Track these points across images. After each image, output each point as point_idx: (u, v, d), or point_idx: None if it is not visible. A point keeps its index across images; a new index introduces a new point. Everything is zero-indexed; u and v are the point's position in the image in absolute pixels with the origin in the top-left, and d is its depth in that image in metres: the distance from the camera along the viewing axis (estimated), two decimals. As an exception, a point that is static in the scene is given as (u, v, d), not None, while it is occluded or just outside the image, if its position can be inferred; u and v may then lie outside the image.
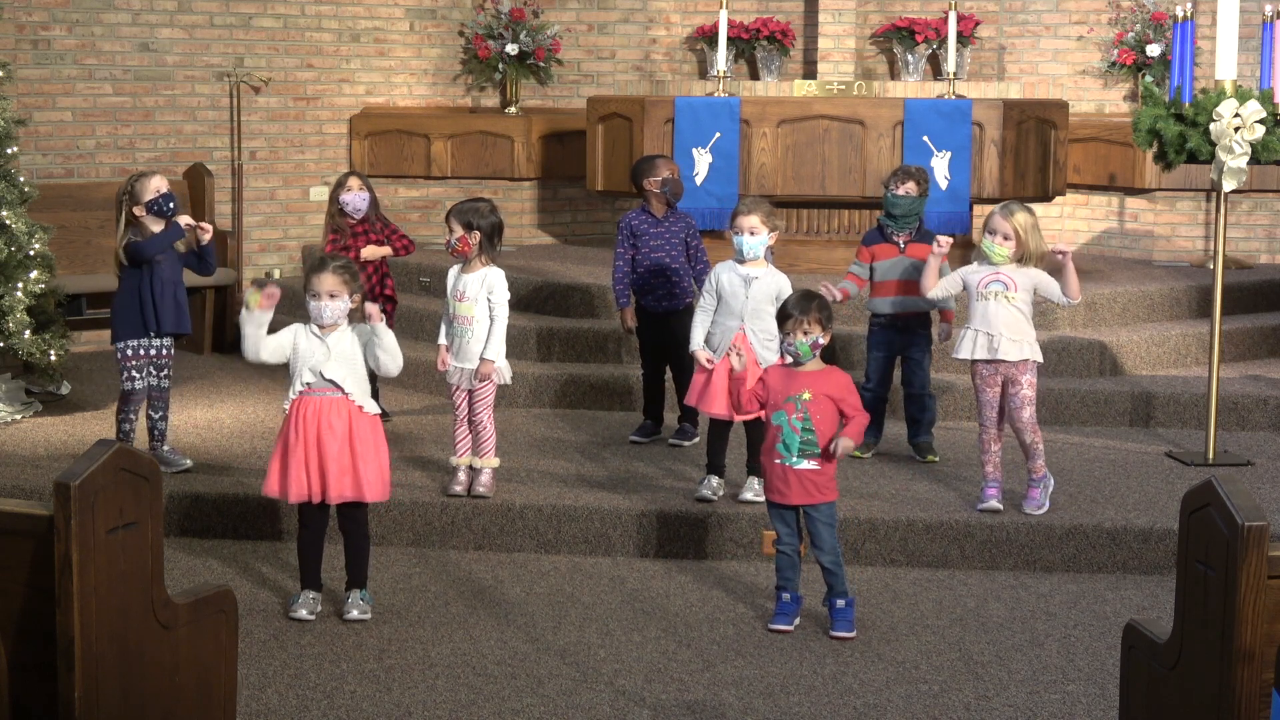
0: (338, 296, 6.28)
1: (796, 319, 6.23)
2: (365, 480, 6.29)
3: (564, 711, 5.55)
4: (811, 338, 6.23)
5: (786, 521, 6.34)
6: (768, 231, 7.26)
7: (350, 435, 6.28)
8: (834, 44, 11.99)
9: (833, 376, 6.29)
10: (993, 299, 7.18)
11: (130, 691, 4.37)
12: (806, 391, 6.22)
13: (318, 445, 6.25)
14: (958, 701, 5.69)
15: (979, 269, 7.28)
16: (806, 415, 6.21)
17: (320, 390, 6.28)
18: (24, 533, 4.27)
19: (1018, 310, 7.19)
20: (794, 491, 6.25)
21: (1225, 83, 7.78)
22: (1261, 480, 7.84)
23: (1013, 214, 7.18)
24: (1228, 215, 8.65)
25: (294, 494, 6.30)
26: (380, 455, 6.37)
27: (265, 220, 11.51)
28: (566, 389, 9.23)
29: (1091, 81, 12.03)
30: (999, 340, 7.18)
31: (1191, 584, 4.32)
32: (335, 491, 6.27)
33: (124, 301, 7.74)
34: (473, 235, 7.33)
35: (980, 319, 7.22)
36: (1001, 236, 7.17)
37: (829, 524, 6.29)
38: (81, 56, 10.76)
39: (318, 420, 6.26)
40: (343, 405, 6.29)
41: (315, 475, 6.26)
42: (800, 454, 6.22)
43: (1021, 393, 7.23)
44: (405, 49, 12.00)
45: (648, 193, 8.43)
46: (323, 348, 6.30)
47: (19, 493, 7.37)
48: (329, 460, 6.24)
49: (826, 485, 6.28)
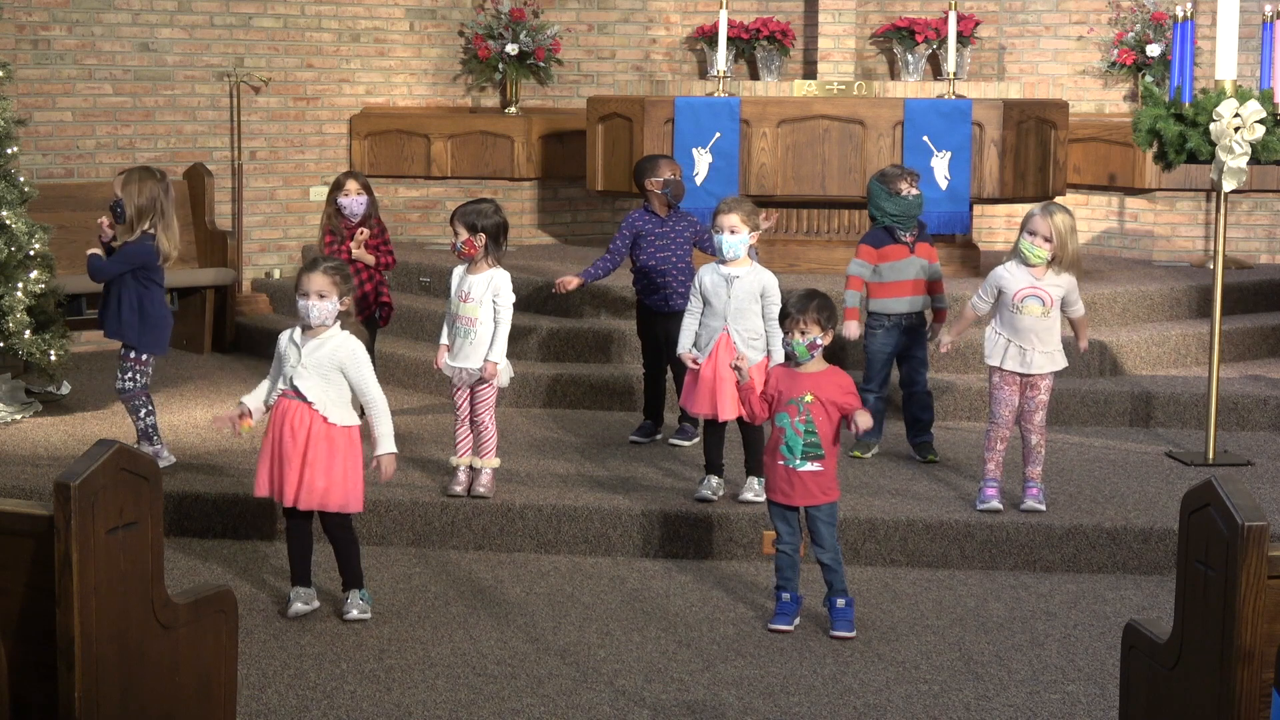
0: (326, 297, 6.23)
1: (794, 318, 6.21)
2: (314, 488, 6.22)
3: (564, 711, 5.55)
4: (809, 338, 6.21)
5: (788, 521, 6.33)
6: (748, 230, 7.26)
7: (307, 445, 6.21)
8: (834, 44, 11.99)
9: (835, 378, 6.28)
10: (1027, 314, 7.17)
11: (130, 691, 4.37)
12: (809, 394, 6.21)
13: (280, 448, 6.26)
14: (958, 701, 5.69)
15: (1015, 273, 7.23)
16: (809, 418, 6.20)
17: (291, 395, 6.27)
18: (24, 533, 4.27)
19: (1052, 323, 7.20)
20: (797, 493, 6.25)
21: (1225, 83, 7.78)
22: (1261, 480, 7.84)
23: (1053, 215, 7.15)
24: (1228, 215, 8.65)
25: (258, 488, 6.33)
26: (342, 466, 6.25)
27: (265, 220, 11.51)
28: (567, 389, 9.23)
29: (1091, 81, 12.03)
30: (1032, 354, 7.20)
31: (1191, 584, 4.32)
32: (290, 495, 6.25)
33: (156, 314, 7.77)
34: (478, 237, 7.32)
35: (1013, 329, 7.21)
36: (1041, 238, 7.14)
37: (830, 523, 6.29)
38: (81, 56, 10.76)
39: (282, 423, 6.26)
40: (306, 413, 6.23)
41: (277, 476, 6.27)
42: (803, 456, 6.21)
43: (1039, 397, 7.25)
44: (405, 49, 12.00)
45: (649, 193, 8.44)
46: (296, 355, 6.26)
47: (19, 493, 7.37)
48: (286, 465, 6.22)
49: (829, 485, 6.28)
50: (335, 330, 6.29)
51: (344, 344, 6.27)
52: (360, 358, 6.28)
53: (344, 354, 6.25)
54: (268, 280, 11.32)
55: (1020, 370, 7.23)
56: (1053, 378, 7.29)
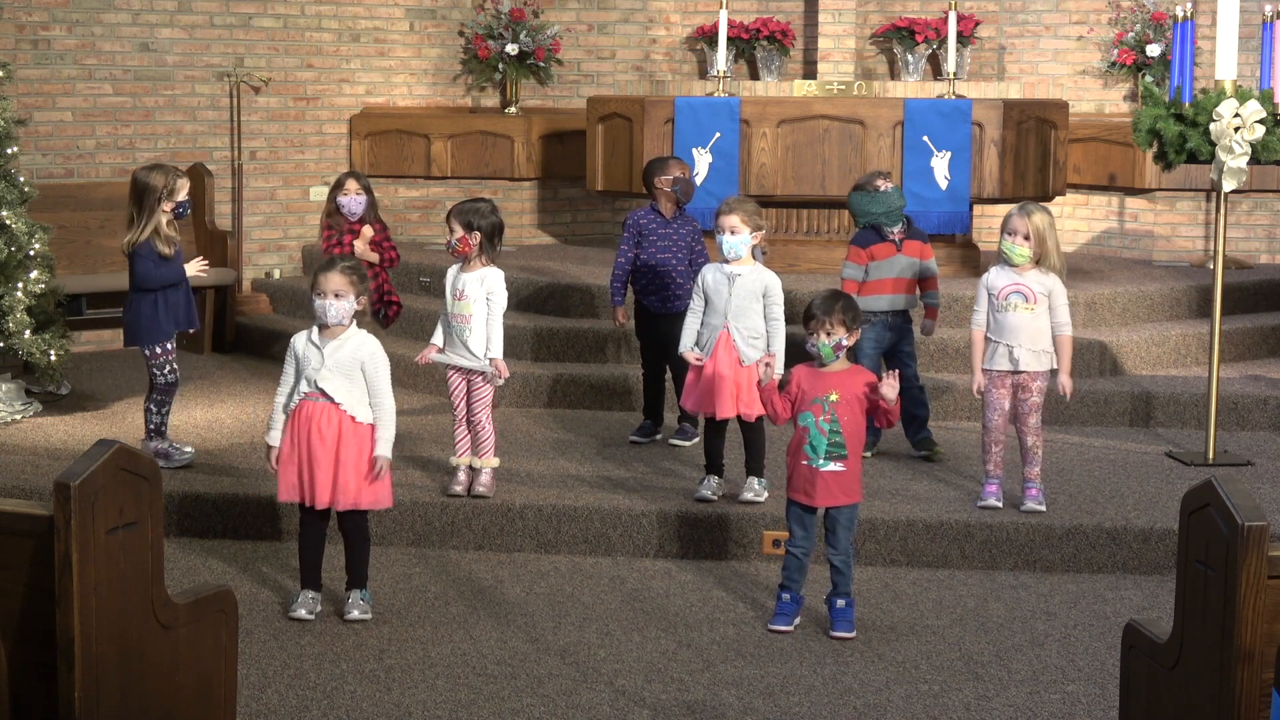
0: (343, 296, 6.27)
1: (819, 319, 6.20)
2: (347, 488, 6.27)
3: (564, 711, 5.55)
4: (835, 339, 6.20)
5: (805, 525, 6.30)
6: (749, 231, 7.26)
7: (338, 444, 6.26)
8: (834, 44, 11.99)
9: (860, 376, 6.28)
10: (1011, 310, 7.19)
11: (130, 691, 4.37)
12: (834, 393, 6.20)
13: (308, 450, 6.26)
14: (958, 701, 5.69)
15: (1000, 274, 7.28)
16: (834, 417, 6.19)
17: (315, 397, 6.28)
18: (24, 533, 4.27)
19: (1036, 319, 7.20)
20: (819, 494, 6.23)
21: (1225, 83, 7.78)
22: (1261, 480, 7.84)
23: (1030, 214, 7.20)
24: (1228, 215, 8.65)
25: (282, 493, 6.33)
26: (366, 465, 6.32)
27: (265, 220, 11.51)
28: (566, 389, 9.23)
29: (1091, 81, 12.03)
30: (1019, 352, 7.22)
31: (1191, 584, 4.32)
32: (321, 497, 6.27)
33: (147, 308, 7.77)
34: (473, 235, 7.35)
35: (1001, 329, 7.24)
36: (1021, 237, 7.18)
37: (849, 527, 6.28)
38: (81, 56, 10.76)
39: (308, 426, 6.27)
40: (334, 414, 6.27)
41: (307, 479, 6.28)
42: (827, 456, 6.20)
43: (1032, 399, 7.26)
44: (405, 49, 12.00)
45: (658, 191, 8.44)
46: (319, 357, 6.28)
47: (19, 493, 7.37)
48: (316, 467, 6.24)
49: (852, 486, 6.26)
50: (353, 329, 6.34)
51: (365, 343, 6.33)
52: (380, 358, 6.35)
53: (365, 353, 6.32)
54: (268, 280, 11.32)
55: (1009, 369, 7.24)
56: (1045, 378, 7.29)
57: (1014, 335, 7.22)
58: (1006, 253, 7.23)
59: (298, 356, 6.34)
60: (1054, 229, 7.26)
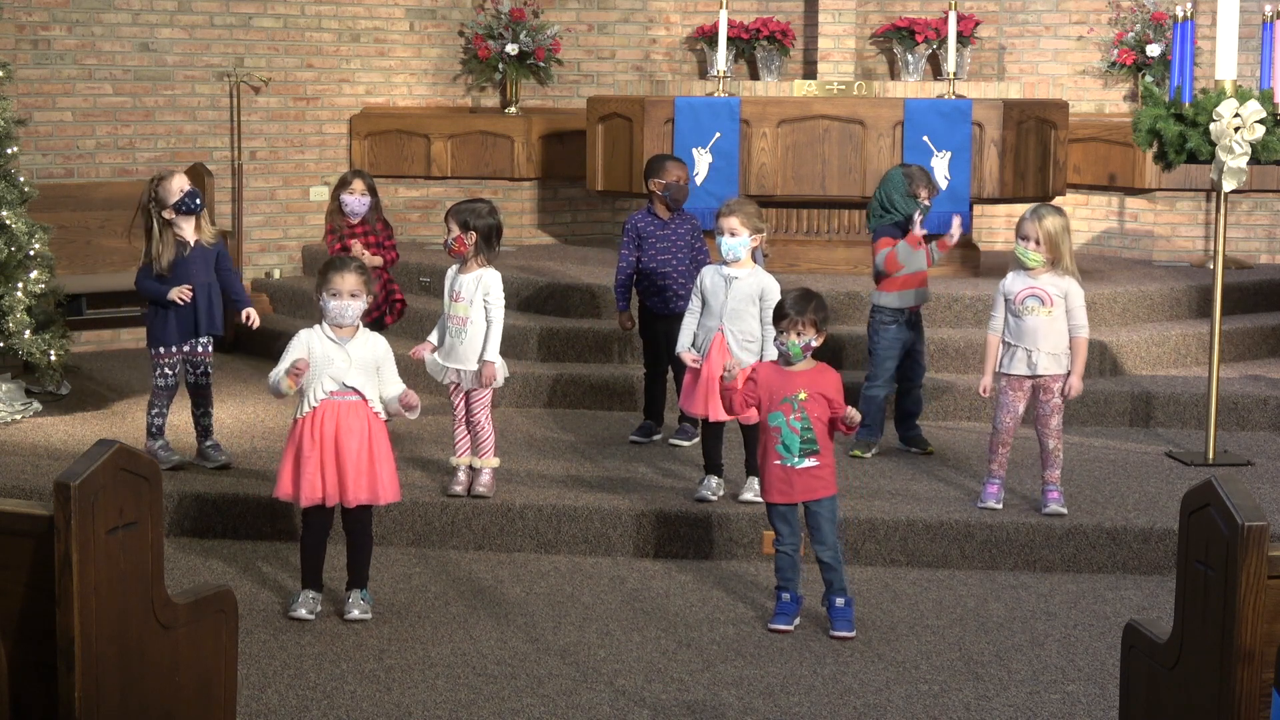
0: (358, 296, 6.33)
1: (791, 319, 6.22)
2: (381, 482, 6.35)
3: (564, 711, 5.56)
4: (805, 339, 6.22)
5: (788, 521, 6.33)
6: (749, 233, 7.26)
7: (369, 438, 6.31)
8: (834, 44, 11.99)
9: (826, 375, 6.30)
10: (1029, 314, 7.18)
11: (130, 691, 4.37)
12: (802, 391, 6.22)
13: (335, 448, 6.26)
14: (958, 701, 5.69)
15: (1015, 278, 7.27)
16: (805, 415, 6.21)
17: (341, 395, 6.31)
18: (24, 533, 4.27)
19: (1054, 322, 7.19)
20: (797, 490, 6.25)
21: (1225, 83, 7.78)
22: (1261, 480, 7.84)
23: (1041, 219, 7.18)
24: (1228, 215, 8.65)
25: (306, 497, 6.30)
26: (392, 457, 6.45)
27: (265, 220, 11.51)
28: (567, 389, 9.23)
29: (1091, 81, 12.03)
30: (1037, 356, 7.20)
31: (1191, 584, 4.32)
32: (353, 494, 6.29)
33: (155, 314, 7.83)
34: (469, 235, 7.35)
35: (1018, 333, 7.22)
36: (1033, 242, 7.17)
37: (831, 519, 6.29)
38: (81, 56, 10.76)
39: (335, 424, 6.28)
40: (361, 409, 6.32)
41: (332, 479, 6.28)
42: (801, 453, 6.22)
43: (1053, 400, 7.26)
44: (405, 49, 12.00)
45: (652, 193, 8.44)
46: (343, 355, 6.31)
47: (19, 493, 7.37)
48: (347, 463, 6.26)
49: (828, 480, 6.28)
50: (362, 328, 6.44)
51: (379, 340, 6.47)
52: (390, 353, 6.47)
53: (381, 350, 6.43)
54: (268, 280, 11.32)
55: (1026, 373, 7.23)
56: (1065, 380, 7.29)
57: (1032, 339, 7.20)
58: (1020, 257, 7.22)
59: (315, 355, 6.32)
60: (1068, 231, 7.25)
